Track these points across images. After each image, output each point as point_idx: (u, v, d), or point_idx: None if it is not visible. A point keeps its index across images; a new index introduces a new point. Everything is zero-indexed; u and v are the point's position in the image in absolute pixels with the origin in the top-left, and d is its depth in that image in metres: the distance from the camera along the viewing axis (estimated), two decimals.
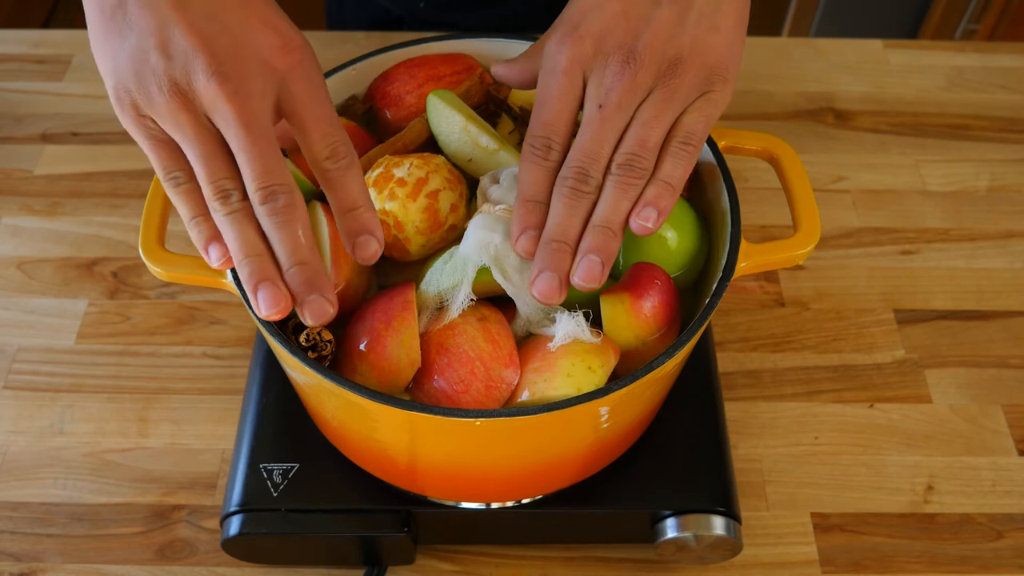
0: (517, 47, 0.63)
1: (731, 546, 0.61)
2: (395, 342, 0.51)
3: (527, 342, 0.52)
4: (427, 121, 0.59)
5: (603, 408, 0.50)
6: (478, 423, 0.47)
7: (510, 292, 0.51)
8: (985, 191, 0.88)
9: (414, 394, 0.52)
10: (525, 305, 0.52)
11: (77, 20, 1.61)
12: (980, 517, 0.68)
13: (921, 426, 0.72)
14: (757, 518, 0.67)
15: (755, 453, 0.70)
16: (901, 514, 0.68)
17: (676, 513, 0.60)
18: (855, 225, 0.85)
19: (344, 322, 0.54)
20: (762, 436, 0.71)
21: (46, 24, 1.51)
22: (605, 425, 0.53)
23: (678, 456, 0.62)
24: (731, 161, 0.59)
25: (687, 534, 0.59)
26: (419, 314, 0.52)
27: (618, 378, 0.48)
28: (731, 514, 0.60)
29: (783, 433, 0.72)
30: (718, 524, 0.59)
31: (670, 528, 0.60)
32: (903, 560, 0.66)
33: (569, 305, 0.52)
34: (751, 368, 0.75)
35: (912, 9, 1.69)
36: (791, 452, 0.71)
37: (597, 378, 0.49)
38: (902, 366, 0.75)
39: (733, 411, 0.72)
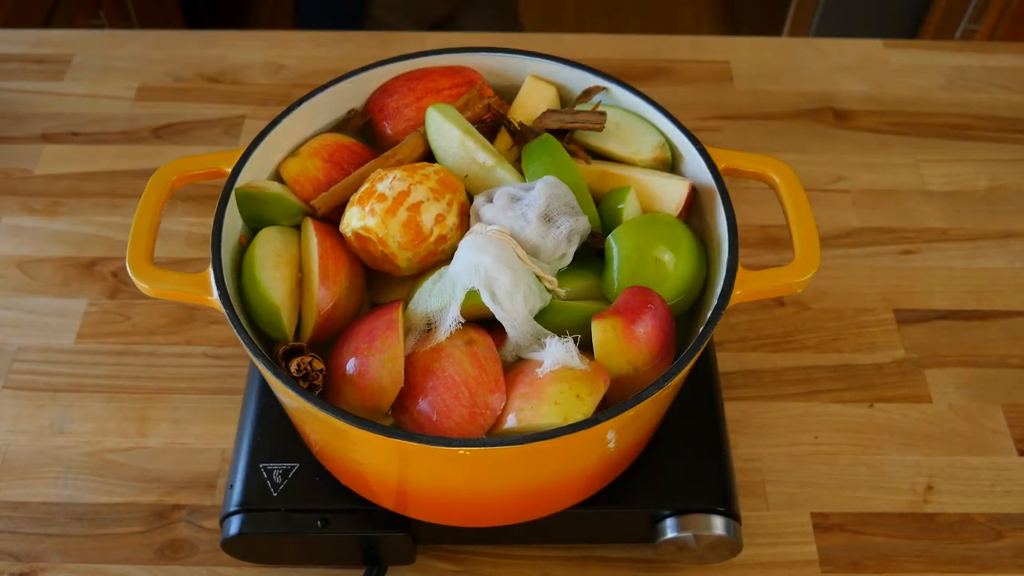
0: (517, 62, 0.63)
1: (731, 546, 0.61)
2: (378, 361, 0.50)
3: (515, 366, 0.52)
4: (423, 135, 0.59)
5: (591, 438, 0.49)
6: (461, 452, 0.47)
7: (499, 316, 0.50)
8: (985, 191, 0.88)
9: (398, 417, 0.52)
10: (514, 329, 0.51)
11: (77, 20, 1.61)
12: (980, 517, 0.68)
13: (921, 426, 0.72)
14: (757, 518, 0.67)
15: (755, 453, 0.70)
16: (901, 514, 0.68)
17: (676, 513, 0.60)
18: (855, 225, 0.85)
19: (334, 342, 0.54)
20: (762, 436, 0.71)
21: (46, 24, 1.51)
22: (596, 452, 0.52)
23: (678, 456, 0.62)
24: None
25: (687, 534, 0.59)
26: (406, 335, 0.51)
27: (609, 405, 0.48)
28: (731, 514, 0.60)
29: (783, 433, 0.72)
30: (718, 524, 0.59)
31: (670, 528, 0.60)
32: (903, 560, 0.66)
33: (560, 330, 0.52)
34: (751, 368, 0.75)
35: (912, 9, 1.69)
36: (791, 452, 0.71)
37: (585, 406, 0.48)
38: (902, 366, 0.75)
39: (733, 411, 0.72)
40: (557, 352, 0.50)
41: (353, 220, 0.53)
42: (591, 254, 0.57)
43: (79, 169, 0.88)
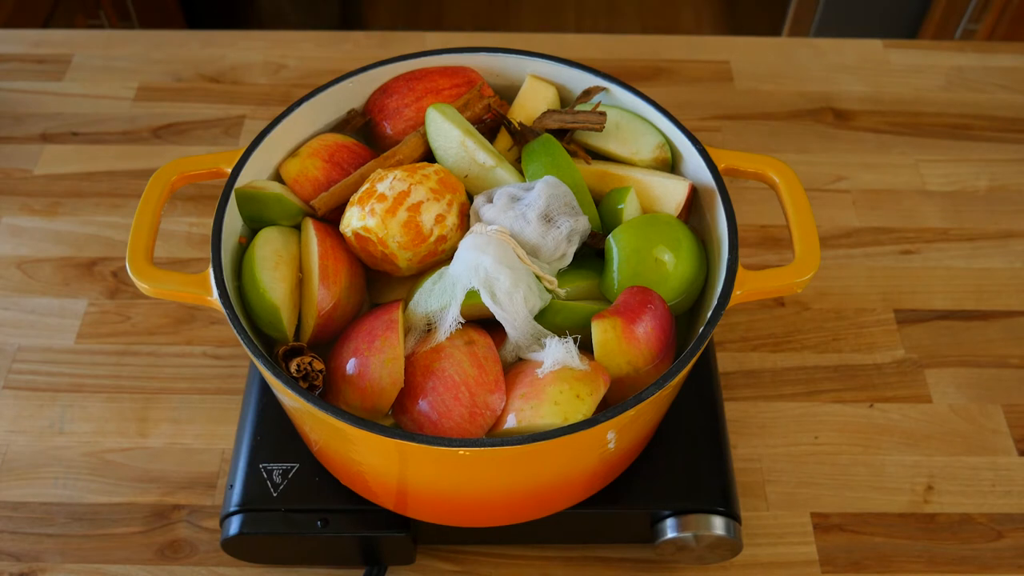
0: (517, 62, 0.63)
1: (731, 546, 0.61)
2: (378, 362, 0.50)
3: (515, 367, 0.52)
4: (423, 135, 0.59)
5: (591, 438, 0.49)
6: (461, 452, 0.47)
7: (499, 316, 0.50)
8: (985, 191, 0.88)
9: (398, 417, 0.52)
10: (514, 330, 0.51)
11: (77, 20, 1.61)
12: (980, 517, 0.68)
13: (921, 426, 0.72)
14: (757, 518, 0.67)
15: (755, 453, 0.70)
16: (901, 514, 0.68)
17: (676, 513, 0.60)
18: (855, 225, 0.85)
19: (334, 342, 0.54)
20: (762, 436, 0.71)
21: (46, 24, 1.51)
22: (596, 452, 0.52)
23: (678, 456, 0.62)
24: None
25: (687, 534, 0.59)
26: (406, 335, 0.52)
27: (609, 405, 0.47)
28: (731, 514, 0.60)
29: (783, 433, 0.72)
30: (718, 524, 0.59)
31: (670, 528, 0.60)
32: (903, 560, 0.66)
33: (560, 330, 0.52)
34: (751, 368, 0.75)
35: (912, 9, 1.69)
36: (791, 452, 0.71)
37: (585, 407, 0.48)
38: (902, 366, 0.75)
39: (733, 411, 0.72)
40: (557, 352, 0.49)
41: (353, 220, 0.53)
42: (591, 254, 0.57)
43: (79, 169, 0.88)
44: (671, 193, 0.58)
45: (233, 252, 0.56)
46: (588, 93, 0.62)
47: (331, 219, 0.58)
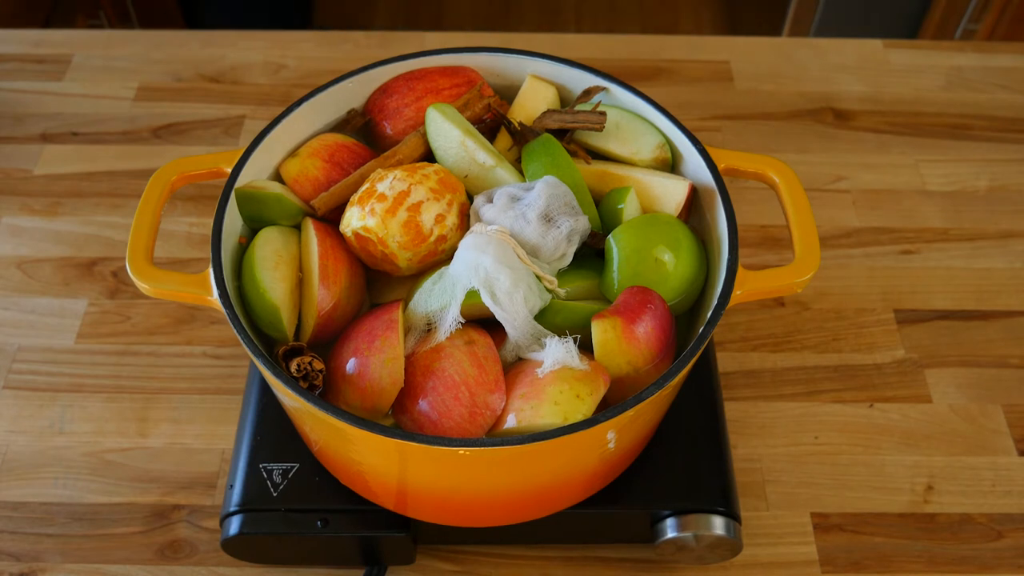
0: (517, 62, 0.63)
1: (731, 546, 0.61)
2: (378, 362, 0.50)
3: (515, 366, 0.52)
4: (423, 135, 0.59)
5: (591, 438, 0.49)
6: (461, 452, 0.47)
7: (499, 316, 0.50)
8: (985, 191, 0.88)
9: (398, 417, 0.52)
10: (514, 329, 0.51)
11: (77, 20, 1.61)
12: (980, 517, 0.68)
13: (921, 426, 0.72)
14: (757, 518, 0.67)
15: (755, 453, 0.70)
16: (901, 514, 0.68)
17: (676, 513, 0.60)
18: (855, 225, 0.85)
19: (334, 342, 0.54)
20: (762, 436, 0.71)
21: (46, 24, 1.51)
22: (596, 452, 0.52)
23: (678, 456, 0.62)
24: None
25: (687, 534, 0.59)
26: (406, 335, 0.52)
27: (609, 405, 0.48)
28: (731, 514, 0.60)
29: (783, 433, 0.72)
30: (718, 524, 0.59)
31: (670, 528, 0.60)
32: (903, 560, 0.66)
33: (560, 330, 0.52)
34: (751, 368, 0.75)
35: (912, 9, 1.69)
36: (791, 452, 0.71)
37: (585, 407, 0.48)
38: (902, 366, 0.75)
39: (733, 411, 0.72)
40: (557, 352, 0.50)
41: (353, 220, 0.53)
42: (591, 254, 0.57)
43: (79, 169, 0.88)
44: (671, 193, 0.58)
45: (233, 252, 0.56)
46: (588, 93, 0.62)
47: (331, 219, 0.58)
